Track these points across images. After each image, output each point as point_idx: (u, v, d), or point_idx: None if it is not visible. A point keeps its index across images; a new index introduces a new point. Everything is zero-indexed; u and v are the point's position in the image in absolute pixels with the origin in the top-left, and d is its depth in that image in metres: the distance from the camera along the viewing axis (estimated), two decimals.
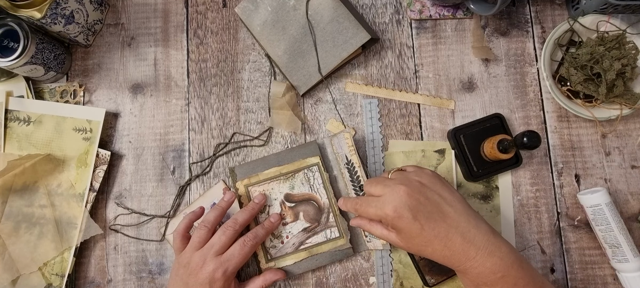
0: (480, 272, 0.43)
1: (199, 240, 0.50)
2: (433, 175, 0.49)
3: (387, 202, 0.46)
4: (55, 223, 0.56)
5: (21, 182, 0.56)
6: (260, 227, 0.52)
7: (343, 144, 0.55)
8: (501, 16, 0.63)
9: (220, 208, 0.53)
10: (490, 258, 0.43)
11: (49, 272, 0.55)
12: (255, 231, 0.52)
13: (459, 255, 0.44)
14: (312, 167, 0.56)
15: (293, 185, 0.56)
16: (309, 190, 0.56)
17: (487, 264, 0.43)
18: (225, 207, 0.53)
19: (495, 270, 0.43)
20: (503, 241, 0.45)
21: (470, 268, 0.44)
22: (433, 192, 0.46)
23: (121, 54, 0.62)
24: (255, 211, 0.53)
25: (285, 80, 0.60)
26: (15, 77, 0.59)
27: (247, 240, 0.50)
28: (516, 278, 0.43)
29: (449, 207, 0.46)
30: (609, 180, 0.59)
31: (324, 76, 0.58)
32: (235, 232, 0.51)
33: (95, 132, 0.58)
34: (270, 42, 0.59)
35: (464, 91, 0.61)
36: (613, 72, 0.55)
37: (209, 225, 0.51)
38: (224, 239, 0.50)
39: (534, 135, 0.48)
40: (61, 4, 0.53)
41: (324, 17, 0.58)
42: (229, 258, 0.49)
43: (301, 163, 0.56)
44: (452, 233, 0.44)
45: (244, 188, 0.56)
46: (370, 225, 0.50)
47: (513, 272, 0.43)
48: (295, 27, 0.58)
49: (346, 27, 0.57)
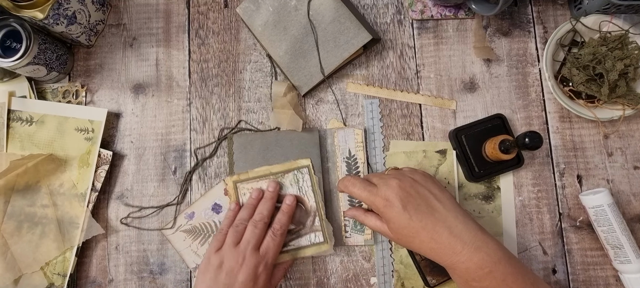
0: (468, 267, 0.44)
1: (237, 236, 0.51)
2: (425, 174, 0.52)
3: (380, 191, 0.48)
4: (57, 223, 0.56)
5: (23, 182, 0.57)
6: (281, 214, 0.53)
7: (350, 138, 0.56)
8: (503, 16, 0.63)
9: (252, 205, 0.54)
10: (477, 254, 0.44)
11: (51, 271, 0.55)
12: (279, 220, 0.53)
13: (446, 248, 0.45)
14: (303, 169, 0.56)
15: (282, 184, 0.56)
16: (297, 191, 0.56)
17: (474, 259, 0.44)
18: (255, 203, 0.54)
19: (483, 265, 0.44)
20: (491, 238, 0.46)
21: (457, 262, 0.44)
22: (423, 188, 0.49)
23: (123, 54, 0.62)
24: (275, 199, 0.55)
25: (287, 80, 0.60)
26: (18, 78, 0.59)
27: (276, 230, 0.52)
28: (505, 274, 0.43)
29: (438, 202, 0.47)
30: (612, 181, 0.58)
31: (325, 76, 0.58)
32: (265, 224, 0.52)
33: (97, 132, 0.58)
34: (271, 43, 0.59)
35: (465, 91, 0.61)
36: (615, 73, 0.54)
37: (245, 222, 0.52)
38: (257, 233, 0.51)
39: (535, 135, 0.47)
40: (63, 5, 0.53)
41: (326, 17, 0.58)
42: (266, 251, 0.50)
43: (292, 164, 0.56)
44: (440, 227, 0.45)
45: (232, 185, 0.56)
46: (364, 216, 0.53)
47: (501, 268, 0.44)
48: (297, 27, 0.58)
49: (348, 27, 0.57)
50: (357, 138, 0.57)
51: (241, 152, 0.57)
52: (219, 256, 0.50)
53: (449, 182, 0.58)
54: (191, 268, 0.57)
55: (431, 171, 0.58)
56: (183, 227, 0.57)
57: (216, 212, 0.58)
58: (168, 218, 0.58)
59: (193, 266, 0.57)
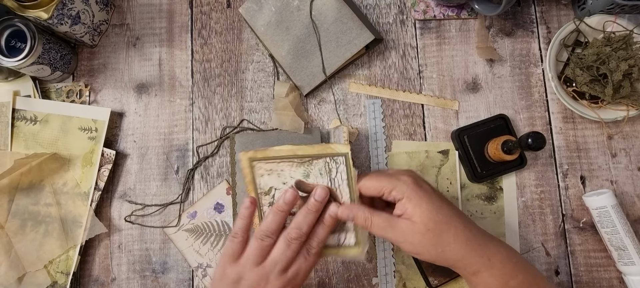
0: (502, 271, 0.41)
1: (261, 252, 0.41)
2: None
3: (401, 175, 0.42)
4: (60, 221, 0.56)
5: (27, 181, 0.57)
6: (322, 228, 0.43)
7: (340, 136, 0.54)
8: (506, 16, 0.63)
9: (283, 212, 0.42)
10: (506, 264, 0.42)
11: (55, 269, 0.56)
12: (317, 234, 0.42)
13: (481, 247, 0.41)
14: (338, 157, 0.44)
15: (308, 172, 0.44)
16: (328, 183, 0.44)
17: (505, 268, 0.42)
18: (287, 209, 0.43)
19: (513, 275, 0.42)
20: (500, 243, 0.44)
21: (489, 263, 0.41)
22: None
23: (126, 54, 0.63)
24: (320, 212, 0.43)
25: (289, 81, 0.60)
26: (22, 77, 0.60)
27: (311, 248, 0.42)
28: None
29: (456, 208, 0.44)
30: (615, 182, 0.58)
31: (327, 76, 0.58)
32: (301, 244, 0.42)
33: (100, 131, 0.58)
34: (274, 43, 0.59)
35: (468, 92, 0.61)
36: (619, 73, 0.54)
37: (273, 235, 0.42)
38: (289, 254, 0.41)
39: (538, 136, 0.47)
40: (67, 5, 0.53)
41: (328, 18, 0.58)
42: (295, 276, 0.41)
43: (325, 148, 0.44)
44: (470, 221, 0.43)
45: (247, 162, 0.44)
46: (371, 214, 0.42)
47: None
48: (299, 27, 0.58)
49: (350, 27, 0.57)
50: (344, 135, 0.54)
51: None
52: (237, 271, 0.41)
53: (451, 182, 0.58)
54: (193, 268, 0.57)
55: (433, 171, 0.58)
56: (185, 226, 0.58)
57: (218, 212, 0.58)
58: (170, 218, 0.58)
59: (195, 265, 0.57)
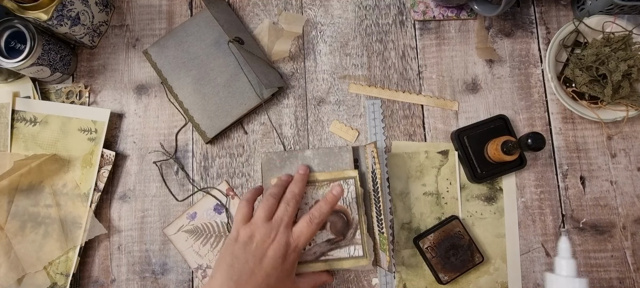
0: None
1: (269, 209, 0.48)
2: None
3: None
4: (60, 222, 0.56)
5: (27, 182, 0.57)
6: (324, 202, 0.49)
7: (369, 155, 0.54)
8: (505, 17, 0.63)
9: (282, 185, 0.51)
10: None
11: (54, 271, 0.56)
12: (319, 207, 0.49)
13: None
14: (349, 180, 0.54)
15: (325, 193, 0.53)
16: (341, 202, 0.53)
17: None
18: (285, 185, 0.51)
19: None
20: None
21: None
22: None
23: (126, 55, 0.63)
24: (306, 180, 0.52)
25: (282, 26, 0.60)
26: (22, 78, 0.60)
27: (314, 217, 0.48)
28: None
29: None
30: (615, 183, 0.58)
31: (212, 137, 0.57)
32: (297, 203, 0.49)
33: (100, 132, 0.58)
34: (183, 85, 0.59)
35: (467, 92, 0.61)
36: (619, 74, 0.54)
37: (277, 197, 0.49)
38: (290, 210, 0.48)
39: (538, 136, 0.47)
40: (67, 6, 0.53)
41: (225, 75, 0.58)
42: (299, 235, 0.47)
43: (338, 173, 0.54)
44: None
45: None
46: None
47: None
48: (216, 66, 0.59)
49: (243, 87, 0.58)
50: (373, 154, 0.53)
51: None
52: (249, 229, 0.47)
53: (451, 183, 0.58)
54: (193, 269, 0.57)
55: (433, 172, 0.58)
56: (185, 227, 0.58)
57: (218, 213, 0.58)
58: (170, 219, 0.58)
59: (195, 266, 0.57)
